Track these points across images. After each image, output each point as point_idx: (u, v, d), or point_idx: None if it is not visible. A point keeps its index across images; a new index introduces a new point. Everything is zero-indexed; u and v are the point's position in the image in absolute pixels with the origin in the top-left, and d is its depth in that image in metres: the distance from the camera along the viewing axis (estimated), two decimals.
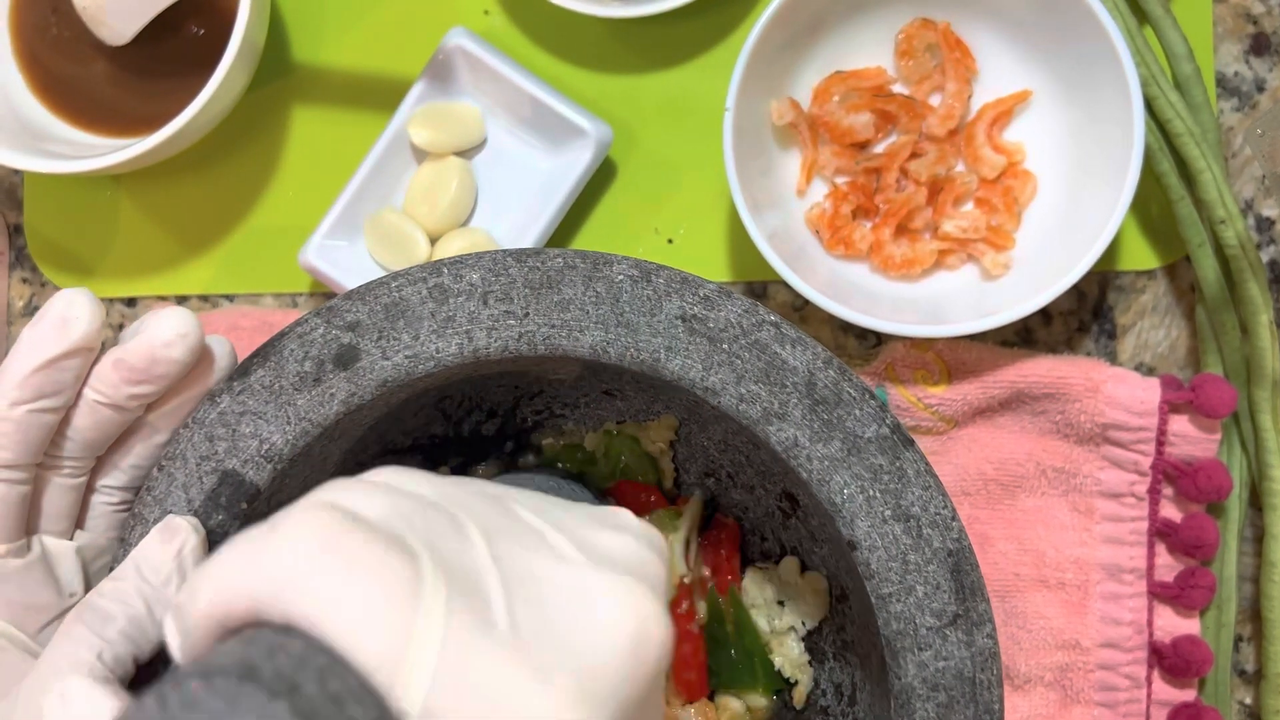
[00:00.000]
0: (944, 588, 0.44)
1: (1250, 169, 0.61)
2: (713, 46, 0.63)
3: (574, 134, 0.60)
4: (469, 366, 0.47)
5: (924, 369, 0.59)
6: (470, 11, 0.64)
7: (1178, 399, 0.57)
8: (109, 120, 0.62)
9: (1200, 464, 0.57)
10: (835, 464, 0.45)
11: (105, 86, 0.62)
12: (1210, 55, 0.61)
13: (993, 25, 0.59)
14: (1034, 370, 0.58)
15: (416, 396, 0.50)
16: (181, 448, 0.46)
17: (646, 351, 0.45)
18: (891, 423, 0.45)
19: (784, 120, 0.58)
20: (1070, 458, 0.58)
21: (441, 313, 0.46)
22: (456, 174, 0.61)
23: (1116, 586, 0.58)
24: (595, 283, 0.46)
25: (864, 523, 0.44)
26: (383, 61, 0.64)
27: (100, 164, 0.57)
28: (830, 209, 0.59)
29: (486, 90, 0.61)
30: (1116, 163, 0.55)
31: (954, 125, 0.59)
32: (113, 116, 0.62)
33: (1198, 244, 0.59)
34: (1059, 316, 0.62)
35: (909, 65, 0.59)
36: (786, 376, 0.45)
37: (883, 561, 0.44)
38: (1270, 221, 0.61)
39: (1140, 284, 0.62)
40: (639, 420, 0.54)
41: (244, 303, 0.65)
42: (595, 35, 0.63)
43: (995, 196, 0.58)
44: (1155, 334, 0.61)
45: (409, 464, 0.55)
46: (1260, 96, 0.62)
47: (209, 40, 0.61)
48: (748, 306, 0.46)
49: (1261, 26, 0.62)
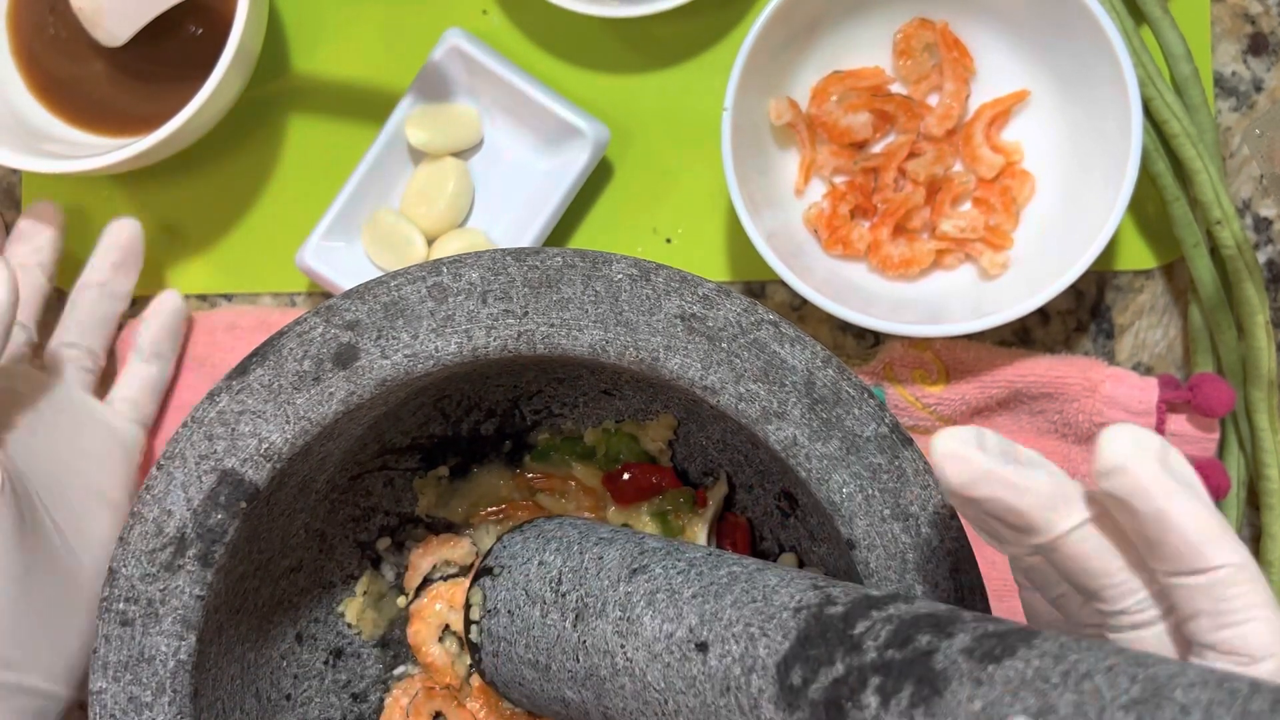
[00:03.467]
0: (943, 587, 0.44)
1: (1248, 169, 0.61)
2: (710, 46, 0.63)
3: (571, 134, 0.60)
4: (468, 365, 0.47)
5: (922, 368, 0.59)
6: (468, 12, 0.64)
7: (1176, 398, 0.57)
8: (107, 120, 0.62)
9: (1198, 464, 0.57)
10: (834, 463, 0.45)
11: (103, 86, 0.62)
12: (1208, 55, 0.61)
13: (991, 25, 0.59)
14: (1032, 370, 0.58)
15: (415, 395, 0.50)
16: (180, 446, 0.46)
17: (645, 350, 0.45)
18: (890, 422, 0.45)
19: (782, 120, 0.58)
20: (1068, 457, 0.58)
21: (440, 312, 0.46)
22: (453, 175, 0.61)
23: None
24: (594, 282, 0.46)
25: (863, 522, 0.44)
26: (380, 62, 0.64)
27: (98, 164, 0.57)
28: (828, 209, 0.59)
29: (484, 91, 0.61)
30: (1114, 163, 0.55)
31: (952, 125, 0.59)
32: (111, 116, 0.62)
33: (1193, 244, 0.59)
34: (1057, 316, 0.62)
35: (907, 65, 0.59)
36: (785, 375, 0.45)
37: (882, 560, 0.44)
38: (1268, 221, 0.62)
39: (1138, 284, 0.62)
40: (638, 419, 0.54)
41: (242, 302, 0.65)
42: (593, 35, 0.63)
43: (993, 196, 0.58)
44: (1153, 334, 0.61)
45: (407, 463, 0.55)
46: (1258, 96, 0.62)
47: (207, 41, 0.61)
48: (746, 305, 0.45)
49: (1259, 26, 0.62)
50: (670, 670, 0.40)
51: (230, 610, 0.49)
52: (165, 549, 0.46)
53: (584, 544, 0.47)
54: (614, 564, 0.45)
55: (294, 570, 0.53)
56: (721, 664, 0.38)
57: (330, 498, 0.53)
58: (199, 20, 0.61)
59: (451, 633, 0.54)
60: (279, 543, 0.51)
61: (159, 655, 0.46)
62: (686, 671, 0.39)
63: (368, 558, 0.56)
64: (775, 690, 0.36)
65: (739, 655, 0.38)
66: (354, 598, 0.55)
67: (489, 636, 0.49)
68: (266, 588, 0.51)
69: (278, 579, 0.52)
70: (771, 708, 0.36)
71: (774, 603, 0.39)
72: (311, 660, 0.54)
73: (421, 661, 0.55)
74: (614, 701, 0.43)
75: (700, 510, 0.53)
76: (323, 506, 0.53)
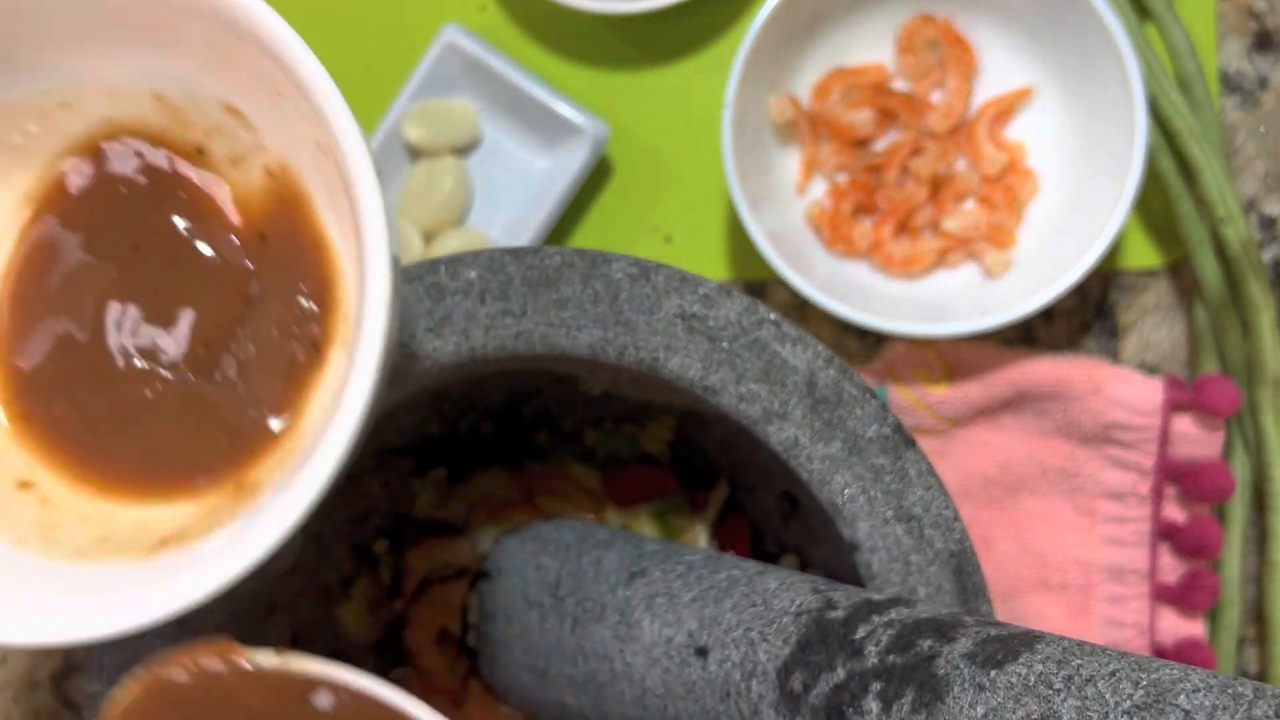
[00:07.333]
0: (946, 589, 0.44)
1: (1253, 167, 0.61)
2: (711, 43, 0.63)
3: (570, 132, 0.59)
4: (466, 365, 0.46)
5: (925, 368, 0.58)
6: (466, 8, 0.63)
7: (1181, 398, 0.57)
8: None
9: (1203, 464, 0.57)
10: (836, 464, 0.44)
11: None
12: (1213, 52, 0.61)
13: (994, 21, 0.58)
14: (1036, 370, 0.58)
15: (412, 396, 0.50)
16: None
17: (645, 350, 0.45)
18: (893, 423, 0.44)
19: (783, 117, 0.58)
20: (1072, 458, 0.58)
21: (438, 311, 0.46)
22: (451, 173, 0.61)
23: (1119, 588, 0.57)
24: (593, 281, 0.45)
25: (865, 524, 0.44)
26: (377, 59, 0.64)
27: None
28: (830, 207, 0.59)
29: (482, 88, 0.61)
30: (1119, 160, 0.54)
31: (955, 122, 0.59)
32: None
33: (1197, 243, 0.58)
34: (1061, 315, 0.61)
35: (910, 62, 0.59)
36: (787, 376, 0.45)
37: (884, 563, 0.44)
38: (1273, 220, 0.61)
39: (1143, 283, 0.61)
40: (638, 419, 0.54)
41: None
42: (592, 32, 0.63)
43: (996, 194, 0.58)
44: (1158, 333, 0.61)
45: (404, 463, 0.55)
46: (1263, 93, 0.61)
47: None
48: (748, 305, 0.45)
49: (1264, 23, 0.61)
50: (669, 675, 0.40)
51: (226, 613, 0.48)
52: None
53: (582, 547, 0.47)
54: (612, 568, 0.45)
55: (290, 572, 0.52)
56: (721, 669, 0.38)
57: (326, 499, 0.52)
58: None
59: (449, 636, 0.54)
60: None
61: (154, 659, 0.45)
62: (686, 677, 0.39)
63: (364, 560, 0.55)
64: (775, 696, 0.36)
65: (739, 660, 0.37)
66: (350, 600, 0.55)
67: (486, 641, 0.49)
68: (262, 590, 0.51)
69: (273, 581, 0.51)
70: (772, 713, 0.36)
71: (774, 607, 0.38)
72: None
73: (419, 665, 0.54)
74: (613, 707, 0.42)
75: (700, 512, 0.53)
76: (319, 508, 0.52)
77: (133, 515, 0.40)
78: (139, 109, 0.41)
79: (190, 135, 0.41)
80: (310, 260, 0.40)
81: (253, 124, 0.40)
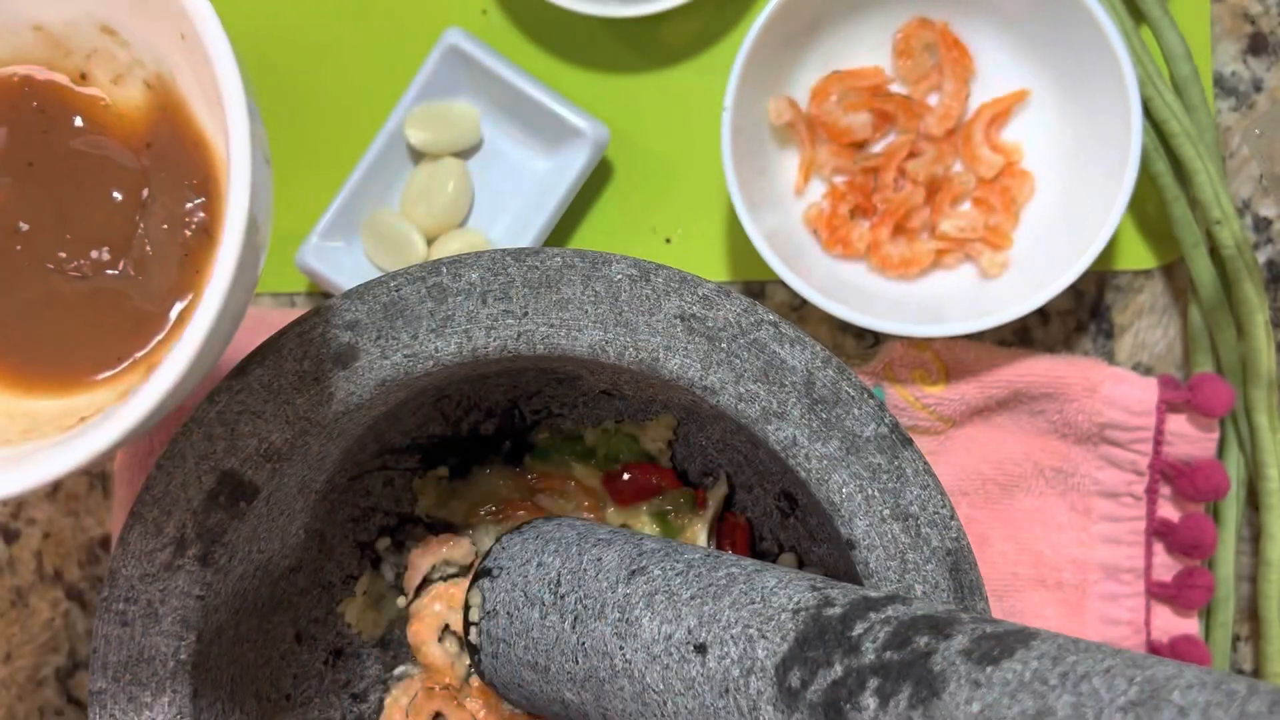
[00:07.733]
0: (942, 587, 0.44)
1: (1248, 169, 0.61)
2: (710, 46, 0.63)
3: (571, 134, 0.60)
4: (468, 366, 0.47)
5: (922, 368, 0.59)
6: (467, 11, 0.64)
7: (1175, 398, 0.57)
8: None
9: (1198, 463, 0.57)
10: (834, 463, 0.45)
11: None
12: (1208, 55, 0.61)
13: (991, 25, 0.59)
14: (1032, 370, 0.58)
15: (415, 396, 0.50)
16: (180, 447, 0.46)
17: (645, 350, 0.45)
18: (890, 422, 0.45)
19: (782, 120, 0.58)
20: (1068, 457, 0.58)
21: (440, 312, 0.46)
22: (453, 175, 0.61)
23: (1114, 586, 0.58)
24: (594, 282, 0.46)
25: (863, 522, 0.44)
26: (379, 61, 0.64)
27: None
28: (828, 208, 0.59)
29: (483, 90, 0.61)
30: (1114, 162, 0.55)
31: (952, 125, 0.59)
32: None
33: (1192, 244, 0.59)
34: (1057, 316, 0.62)
35: (907, 65, 0.59)
36: (785, 375, 0.45)
37: (881, 560, 0.44)
38: (1268, 221, 0.62)
39: (1138, 283, 0.62)
40: (637, 419, 0.54)
41: None
42: (593, 35, 0.63)
43: (993, 196, 0.58)
44: (1153, 334, 0.61)
45: (407, 463, 0.55)
46: (1258, 96, 0.62)
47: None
48: (746, 305, 0.46)
49: (1259, 26, 0.62)
50: (669, 672, 0.40)
51: (230, 610, 0.49)
52: (165, 549, 0.46)
53: (582, 545, 0.47)
54: (612, 565, 0.45)
55: (293, 570, 0.53)
56: (720, 666, 0.38)
57: (330, 498, 0.53)
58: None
59: (451, 633, 0.54)
60: (278, 543, 0.51)
61: (159, 655, 0.46)
62: (685, 673, 0.39)
63: (367, 558, 0.56)
64: (774, 692, 0.36)
65: (737, 657, 0.38)
66: (353, 598, 0.55)
67: (488, 638, 0.49)
68: (266, 588, 0.51)
69: (277, 579, 0.52)
70: (770, 709, 0.36)
71: (772, 604, 0.39)
72: (311, 660, 0.54)
73: (421, 662, 0.55)
74: (613, 703, 0.43)
75: (700, 510, 0.53)
76: (322, 506, 0.53)
77: (56, 406, 0.43)
78: (20, 41, 0.44)
79: (72, 62, 0.44)
80: (193, 158, 0.43)
81: (125, 40, 0.43)
